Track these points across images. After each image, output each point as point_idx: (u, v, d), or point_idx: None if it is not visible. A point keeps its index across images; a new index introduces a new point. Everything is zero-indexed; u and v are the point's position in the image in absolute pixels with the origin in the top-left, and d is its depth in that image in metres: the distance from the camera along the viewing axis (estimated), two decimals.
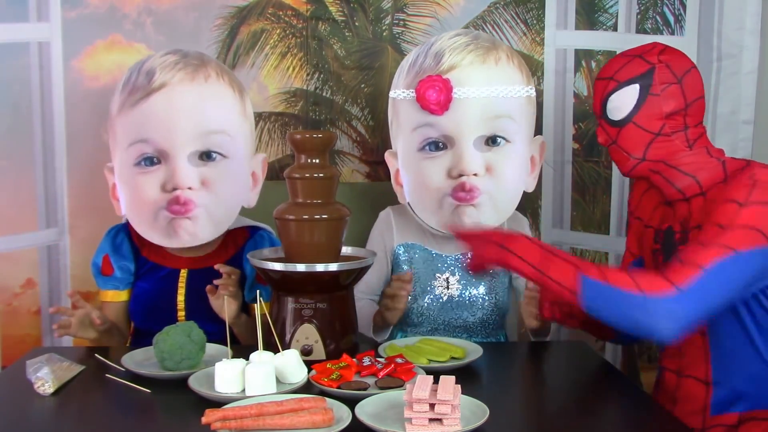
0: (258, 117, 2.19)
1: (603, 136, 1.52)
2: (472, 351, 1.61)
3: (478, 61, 1.82)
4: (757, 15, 2.13)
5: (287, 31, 2.20)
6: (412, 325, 1.90)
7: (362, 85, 2.22)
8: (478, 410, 1.24)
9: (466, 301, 1.88)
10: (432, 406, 1.18)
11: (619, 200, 2.25)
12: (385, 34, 2.22)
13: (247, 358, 1.41)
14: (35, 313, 2.15)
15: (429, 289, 1.88)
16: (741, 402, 1.46)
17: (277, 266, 1.57)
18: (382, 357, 1.53)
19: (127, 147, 1.78)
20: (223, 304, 1.68)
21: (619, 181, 2.25)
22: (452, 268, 1.88)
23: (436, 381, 1.23)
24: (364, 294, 1.92)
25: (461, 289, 1.88)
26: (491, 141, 1.83)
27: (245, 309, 1.84)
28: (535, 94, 1.89)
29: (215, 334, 1.59)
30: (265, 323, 1.46)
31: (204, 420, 1.19)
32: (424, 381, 1.22)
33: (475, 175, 1.81)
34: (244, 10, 2.17)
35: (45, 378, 1.40)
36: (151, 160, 1.77)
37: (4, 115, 2.09)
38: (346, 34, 2.21)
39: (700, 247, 1.31)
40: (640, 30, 2.23)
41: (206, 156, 1.78)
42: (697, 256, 1.30)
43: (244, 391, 1.36)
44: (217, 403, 1.27)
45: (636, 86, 1.46)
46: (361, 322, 1.80)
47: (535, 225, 2.25)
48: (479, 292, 1.87)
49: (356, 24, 2.21)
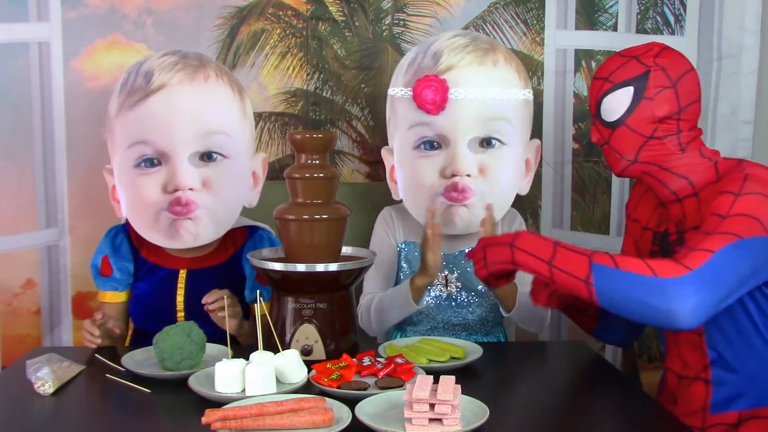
0: (258, 117, 2.19)
1: (596, 136, 1.53)
2: (472, 351, 1.61)
3: (476, 63, 1.82)
4: (757, 15, 2.13)
5: (287, 31, 2.20)
6: (412, 324, 1.90)
7: (362, 85, 2.22)
8: (478, 410, 1.24)
9: (465, 299, 1.88)
10: (432, 406, 1.18)
11: (619, 200, 2.25)
12: (385, 34, 2.22)
13: (247, 358, 1.41)
14: (35, 313, 2.15)
15: (428, 287, 1.88)
16: (741, 400, 1.46)
17: (277, 266, 1.57)
18: (382, 357, 1.53)
19: (127, 148, 1.78)
20: (223, 320, 1.67)
21: (619, 181, 2.25)
22: (451, 266, 1.88)
23: (436, 381, 1.23)
24: (380, 289, 1.91)
25: (460, 287, 1.88)
26: (486, 143, 1.83)
27: (246, 313, 1.83)
28: (532, 97, 1.89)
29: (215, 335, 1.59)
30: (265, 323, 1.47)
31: (204, 420, 1.19)
32: (424, 381, 1.22)
33: (468, 175, 1.81)
34: (244, 10, 2.17)
35: (45, 378, 1.40)
36: (151, 162, 1.77)
37: (4, 115, 2.09)
38: (346, 34, 2.21)
39: (705, 236, 1.32)
40: (640, 30, 2.23)
41: (207, 157, 1.78)
42: (705, 243, 1.30)
43: (244, 391, 1.36)
44: (217, 403, 1.27)
45: (630, 89, 1.45)
46: (391, 311, 1.79)
47: (535, 225, 2.25)
48: (478, 289, 1.87)
49: (356, 24, 2.21)
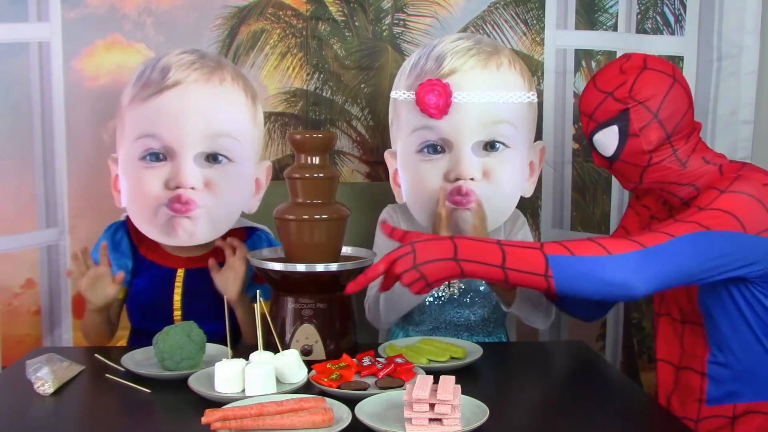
0: None
1: (598, 161, 1.54)
2: (472, 351, 1.61)
3: (480, 66, 1.81)
4: (757, 15, 2.13)
5: (287, 31, 2.20)
6: (414, 324, 1.90)
7: (362, 85, 2.22)
8: (478, 410, 1.24)
9: (468, 299, 1.88)
10: (432, 406, 1.18)
11: (619, 200, 2.25)
12: (385, 34, 2.22)
13: (247, 358, 1.41)
14: (35, 313, 2.15)
15: None
16: (737, 395, 1.47)
17: (277, 266, 1.57)
18: (382, 357, 1.53)
19: (134, 140, 1.78)
20: (227, 281, 1.69)
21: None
22: None
23: (436, 381, 1.23)
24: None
25: (463, 287, 1.88)
26: (490, 146, 1.82)
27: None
28: (536, 100, 1.89)
29: (213, 333, 1.59)
30: (264, 323, 1.47)
31: (204, 420, 1.19)
32: (424, 381, 1.22)
33: (472, 179, 1.81)
34: (244, 10, 2.17)
35: (45, 378, 1.40)
36: (157, 156, 1.77)
37: (4, 115, 2.09)
38: (346, 34, 2.21)
39: (674, 222, 1.35)
40: (640, 30, 2.23)
41: (212, 158, 1.78)
42: (669, 227, 1.33)
43: (244, 391, 1.36)
44: (217, 403, 1.27)
45: (614, 128, 1.46)
46: (401, 299, 1.79)
47: (535, 225, 2.25)
48: (480, 290, 1.87)
49: (356, 24, 2.21)
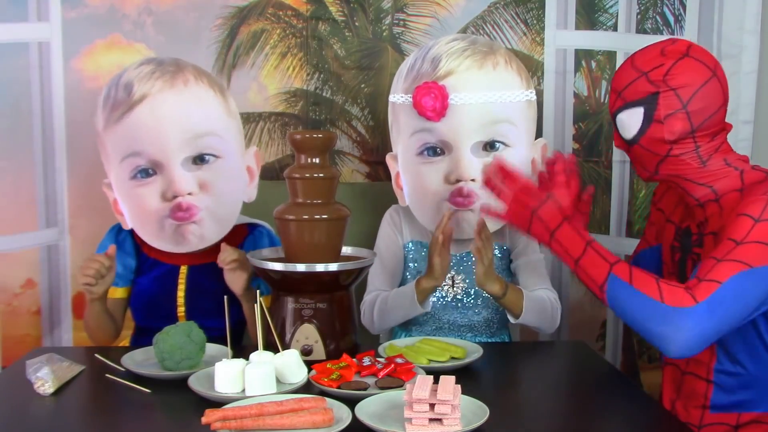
0: (258, 117, 2.19)
1: (618, 142, 1.52)
2: (472, 351, 1.61)
3: (475, 67, 1.81)
4: (757, 15, 2.13)
5: (287, 31, 2.20)
6: (417, 324, 1.90)
7: (362, 85, 2.22)
8: (478, 410, 1.24)
9: (471, 301, 1.88)
10: (432, 406, 1.18)
11: (619, 200, 2.25)
12: (385, 34, 2.22)
13: (247, 358, 1.41)
14: (35, 313, 2.15)
15: (434, 290, 1.88)
16: (742, 404, 1.46)
17: (277, 266, 1.57)
18: (382, 357, 1.53)
19: (120, 162, 1.78)
20: (235, 277, 1.72)
21: (619, 181, 2.25)
22: (457, 267, 1.88)
23: (436, 381, 1.23)
24: (385, 287, 1.90)
25: (466, 287, 1.88)
26: (489, 146, 1.82)
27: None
28: (535, 97, 1.88)
29: (217, 330, 1.59)
30: (264, 323, 1.46)
31: (204, 420, 1.19)
32: (424, 381, 1.22)
33: (473, 180, 1.80)
34: (244, 10, 2.17)
35: (45, 378, 1.40)
36: (146, 172, 1.77)
37: (4, 115, 2.09)
38: (346, 34, 2.21)
39: (716, 263, 1.32)
40: (640, 30, 2.23)
41: (200, 159, 1.78)
42: (713, 273, 1.31)
43: (244, 391, 1.36)
44: (217, 403, 1.27)
45: (640, 110, 1.42)
46: (395, 311, 1.80)
47: None
48: (484, 291, 1.86)
49: (356, 24, 2.21)
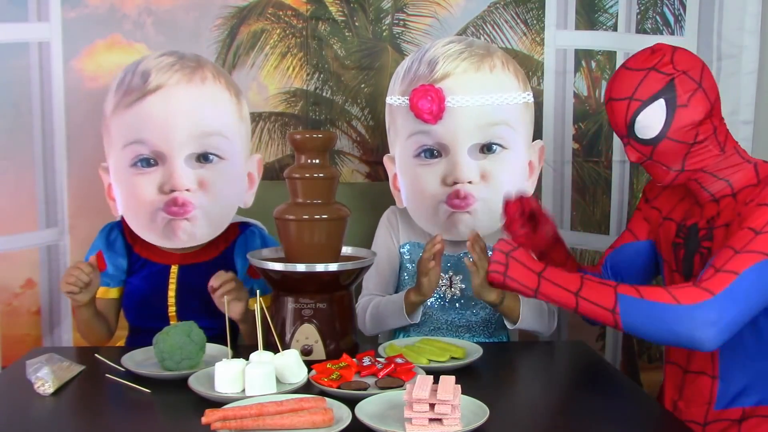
0: (258, 117, 2.19)
1: (635, 155, 1.48)
2: (472, 351, 1.61)
3: (472, 69, 1.80)
4: (757, 15, 2.13)
5: (287, 31, 2.20)
6: (415, 325, 1.90)
7: (362, 85, 2.22)
8: (478, 410, 1.24)
9: (469, 301, 1.88)
10: (432, 406, 1.18)
11: (619, 200, 2.25)
12: (385, 34, 2.22)
13: (247, 358, 1.41)
14: (35, 313, 2.15)
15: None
16: (747, 397, 1.46)
17: (277, 266, 1.57)
18: (382, 357, 1.53)
19: (123, 147, 1.78)
20: (226, 305, 1.68)
21: (619, 181, 2.25)
22: (455, 268, 1.88)
23: (436, 381, 1.23)
24: (378, 291, 1.92)
25: (464, 288, 1.88)
26: (486, 148, 1.82)
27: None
28: (532, 99, 1.88)
29: (210, 329, 1.59)
30: (264, 319, 1.46)
31: (204, 420, 1.19)
32: (424, 381, 1.22)
33: (470, 182, 1.80)
34: (244, 10, 2.17)
35: (45, 378, 1.40)
36: (148, 162, 1.77)
37: (4, 115, 2.09)
38: (346, 34, 2.21)
39: (733, 253, 1.32)
40: (640, 30, 2.23)
41: (203, 158, 1.78)
42: (731, 263, 1.31)
43: (244, 391, 1.36)
44: (217, 403, 1.27)
45: (661, 102, 1.42)
46: (385, 319, 1.81)
47: None
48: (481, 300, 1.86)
49: (356, 24, 2.21)
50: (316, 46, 2.20)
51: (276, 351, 1.44)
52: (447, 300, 1.88)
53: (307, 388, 1.41)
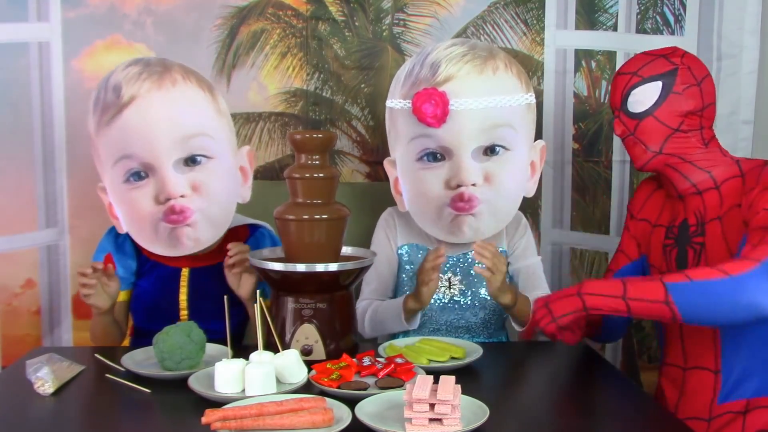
0: (258, 117, 2.19)
1: (621, 128, 1.58)
2: (472, 351, 1.61)
3: (476, 72, 1.79)
4: (757, 15, 2.13)
5: (287, 31, 2.20)
6: None
7: (362, 85, 2.22)
8: (478, 410, 1.24)
9: (469, 302, 1.88)
10: (432, 406, 1.18)
11: (619, 200, 2.25)
12: (385, 34, 2.22)
13: (247, 358, 1.41)
14: (35, 313, 2.15)
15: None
16: (749, 387, 1.47)
17: (277, 266, 1.57)
18: (382, 357, 1.53)
19: (113, 165, 1.77)
20: (239, 281, 1.71)
21: (619, 181, 2.25)
22: (455, 269, 1.88)
23: (436, 381, 1.23)
24: (375, 295, 1.92)
25: (463, 289, 1.87)
26: (490, 150, 1.80)
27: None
28: (534, 101, 1.88)
29: (219, 333, 1.58)
30: (265, 323, 1.47)
31: (204, 420, 1.19)
32: (424, 381, 1.22)
33: (474, 185, 1.79)
34: (244, 10, 2.17)
35: (45, 378, 1.40)
36: (139, 175, 1.76)
37: (4, 115, 2.09)
38: (346, 34, 2.21)
39: (765, 230, 1.34)
40: (640, 30, 2.23)
41: (191, 161, 1.77)
42: (766, 238, 1.32)
43: (244, 391, 1.36)
44: (217, 403, 1.27)
45: (659, 83, 1.54)
46: (384, 323, 1.81)
47: (535, 225, 2.24)
48: (481, 292, 1.87)
49: (356, 24, 2.21)
50: (316, 46, 2.20)
51: (276, 351, 1.44)
52: (446, 301, 1.88)
53: (307, 388, 1.41)
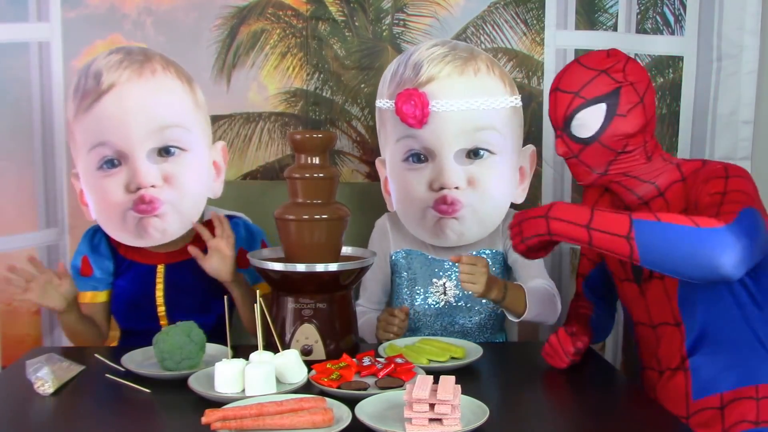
0: (258, 117, 2.19)
1: (563, 149, 1.51)
2: (472, 351, 1.61)
3: (456, 73, 1.77)
4: (757, 15, 2.13)
5: (287, 31, 2.20)
6: (410, 330, 1.88)
7: (362, 85, 2.22)
8: (478, 410, 1.24)
9: (464, 306, 1.87)
10: (432, 406, 1.18)
11: None
12: (385, 34, 2.22)
13: (247, 358, 1.41)
14: (35, 313, 2.15)
15: (426, 294, 1.88)
16: (721, 382, 1.48)
17: (277, 266, 1.57)
18: (382, 357, 1.53)
19: (88, 152, 1.76)
20: (216, 264, 1.71)
21: None
22: (449, 274, 1.87)
23: (436, 381, 1.23)
24: (369, 303, 1.93)
25: (458, 294, 1.87)
26: (473, 153, 1.79)
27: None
28: (521, 103, 1.85)
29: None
30: (264, 322, 1.47)
31: (204, 420, 1.19)
32: (424, 381, 1.22)
33: (457, 188, 1.78)
34: (244, 10, 2.18)
35: (45, 378, 1.40)
36: (112, 162, 1.75)
37: (4, 115, 2.09)
38: (346, 34, 2.21)
39: (719, 205, 1.33)
40: (640, 30, 2.23)
41: (165, 152, 1.76)
42: (724, 207, 1.32)
43: (244, 391, 1.36)
44: (217, 403, 1.27)
45: (603, 105, 1.46)
46: (369, 336, 1.81)
47: None
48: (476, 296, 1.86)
49: (356, 24, 2.21)
50: (316, 46, 2.20)
51: (276, 351, 1.44)
52: (441, 306, 1.87)
53: (307, 388, 1.40)
